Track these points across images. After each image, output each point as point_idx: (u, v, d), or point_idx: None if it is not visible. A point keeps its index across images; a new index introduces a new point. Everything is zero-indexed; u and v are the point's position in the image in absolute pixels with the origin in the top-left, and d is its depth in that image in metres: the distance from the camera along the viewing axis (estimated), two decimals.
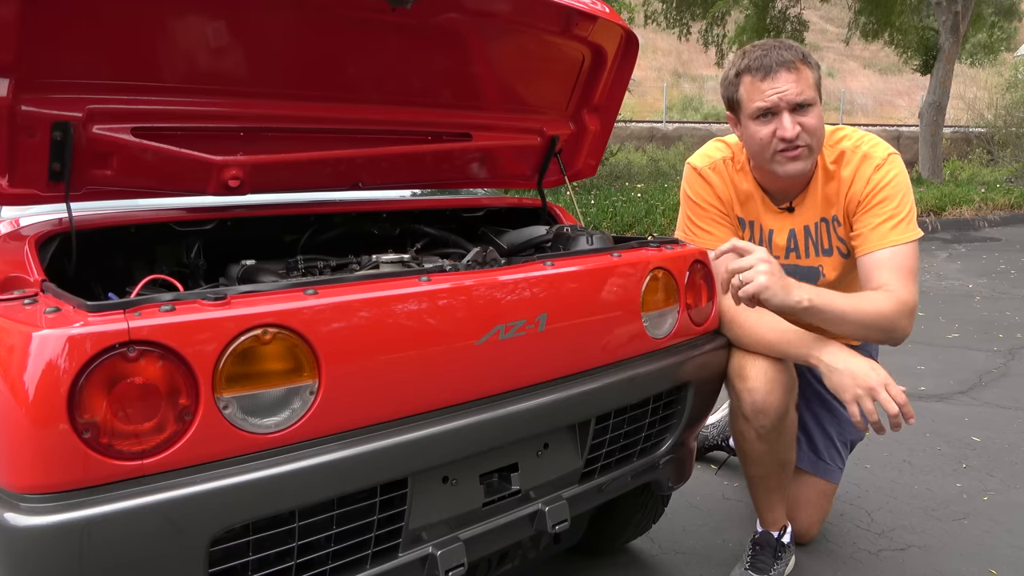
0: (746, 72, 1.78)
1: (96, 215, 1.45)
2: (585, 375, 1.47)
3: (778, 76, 1.73)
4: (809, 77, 1.76)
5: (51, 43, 1.25)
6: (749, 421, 1.82)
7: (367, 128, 1.73)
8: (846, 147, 1.87)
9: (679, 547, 2.22)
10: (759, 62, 1.75)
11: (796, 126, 1.75)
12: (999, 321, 5.00)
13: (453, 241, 1.87)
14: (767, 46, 1.78)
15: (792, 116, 1.75)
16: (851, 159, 1.86)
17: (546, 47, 1.82)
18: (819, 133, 1.79)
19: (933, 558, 2.14)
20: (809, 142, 1.78)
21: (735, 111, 1.86)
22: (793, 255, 1.95)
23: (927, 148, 13.32)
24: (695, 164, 1.99)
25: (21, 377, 0.94)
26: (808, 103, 1.75)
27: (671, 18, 15.23)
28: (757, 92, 1.76)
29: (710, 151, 1.99)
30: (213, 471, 1.03)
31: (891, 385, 1.62)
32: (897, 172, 1.83)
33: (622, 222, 8.05)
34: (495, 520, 1.38)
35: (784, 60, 1.74)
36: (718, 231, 1.95)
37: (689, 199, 1.99)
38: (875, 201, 1.81)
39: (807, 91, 1.74)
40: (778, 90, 1.74)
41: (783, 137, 1.76)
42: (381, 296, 1.19)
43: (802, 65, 1.75)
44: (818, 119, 1.77)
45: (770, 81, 1.74)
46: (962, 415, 3.28)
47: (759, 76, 1.75)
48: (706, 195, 1.96)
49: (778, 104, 1.74)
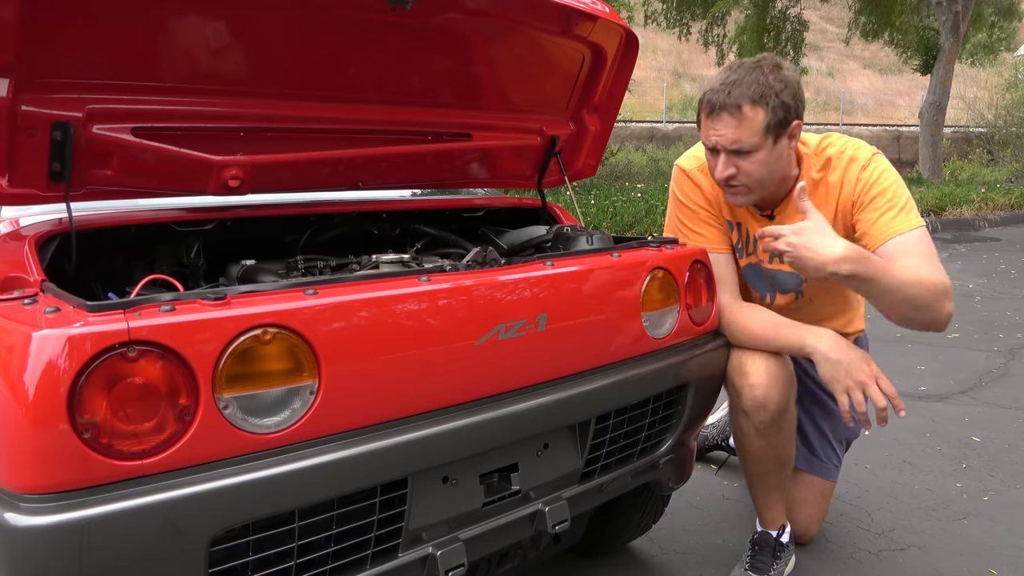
0: (702, 102, 1.77)
1: (96, 215, 1.45)
2: (585, 375, 1.47)
3: (720, 119, 1.72)
4: (756, 122, 1.70)
5: (51, 43, 1.25)
6: (749, 416, 1.82)
7: (367, 128, 1.73)
8: (831, 154, 1.86)
9: (679, 547, 2.22)
10: (711, 96, 1.73)
11: (730, 168, 1.75)
12: (999, 321, 5.00)
13: (453, 241, 1.87)
14: (732, 78, 1.72)
15: (729, 158, 1.75)
16: (837, 164, 1.85)
17: (546, 47, 1.82)
18: (759, 176, 1.77)
19: (933, 558, 2.14)
20: (746, 182, 1.78)
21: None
22: (777, 260, 1.95)
23: (927, 148, 13.32)
24: (683, 166, 1.99)
25: (21, 377, 0.94)
26: (745, 150, 1.73)
27: (671, 18, 15.23)
28: (704, 127, 1.78)
29: (698, 152, 1.98)
30: (213, 471, 1.03)
31: (882, 379, 1.65)
32: (884, 168, 1.82)
33: (622, 222, 8.05)
34: (495, 520, 1.38)
35: (731, 103, 1.70)
36: (708, 232, 1.95)
37: (678, 201, 1.99)
38: (869, 197, 1.80)
39: (745, 139, 1.71)
40: (716, 132, 1.74)
41: (716, 177, 1.80)
42: (381, 296, 1.19)
43: (751, 109, 1.69)
44: (759, 164, 1.75)
45: (711, 121, 1.74)
46: (962, 415, 3.28)
47: (706, 111, 1.75)
48: (695, 196, 1.96)
49: (717, 144, 1.76)
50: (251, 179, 1.55)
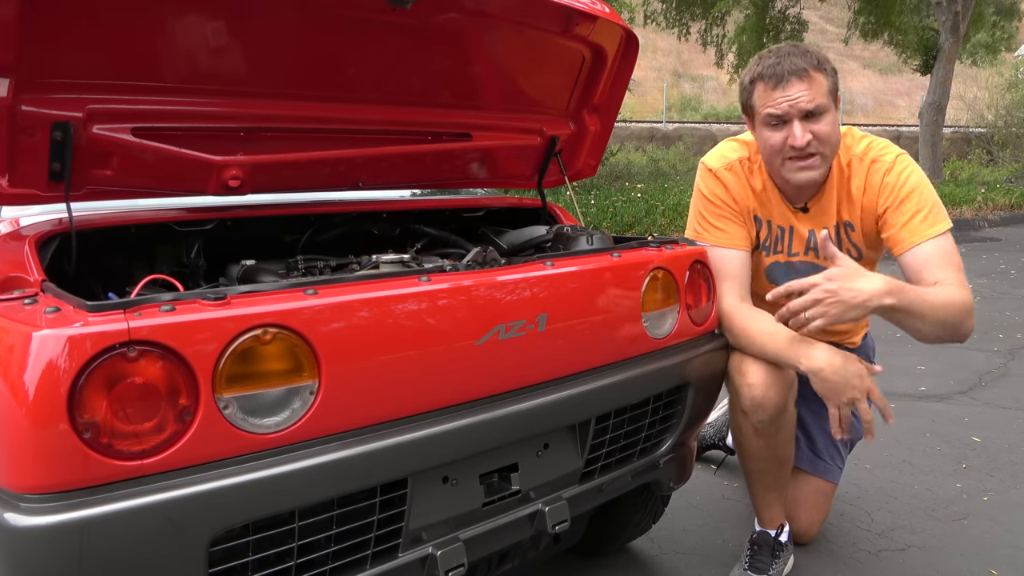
0: (759, 79, 1.77)
1: (96, 215, 1.45)
2: (585, 375, 1.47)
3: (790, 84, 1.73)
4: (823, 84, 1.74)
5: (51, 43, 1.25)
6: (747, 416, 1.82)
7: (367, 128, 1.73)
8: (855, 154, 1.87)
9: (679, 547, 2.22)
10: (772, 69, 1.74)
11: (807, 134, 1.74)
12: (999, 321, 5.00)
13: (453, 241, 1.87)
14: (782, 52, 1.77)
15: (803, 124, 1.74)
16: (859, 168, 1.85)
17: (546, 47, 1.82)
18: (832, 140, 1.78)
19: (933, 558, 2.14)
20: (821, 150, 1.77)
21: (750, 116, 1.86)
22: (812, 254, 1.95)
23: (927, 148, 13.32)
24: (711, 165, 1.97)
25: (21, 377, 0.94)
26: (820, 111, 1.73)
27: (671, 18, 15.23)
28: (769, 99, 1.76)
29: (726, 151, 1.98)
30: (213, 471, 1.03)
31: (873, 391, 1.67)
32: (909, 170, 1.82)
33: (622, 222, 8.05)
34: (495, 520, 1.38)
35: (796, 68, 1.72)
36: (731, 229, 1.93)
37: (703, 196, 1.97)
38: (896, 202, 1.80)
39: (819, 98, 1.73)
40: (789, 98, 1.73)
41: (793, 145, 1.76)
42: (381, 296, 1.19)
43: (815, 72, 1.73)
44: (831, 126, 1.76)
45: (781, 89, 1.74)
46: (962, 415, 3.28)
47: (771, 84, 1.75)
48: (721, 194, 1.94)
49: (789, 112, 1.74)
50: (251, 179, 1.55)
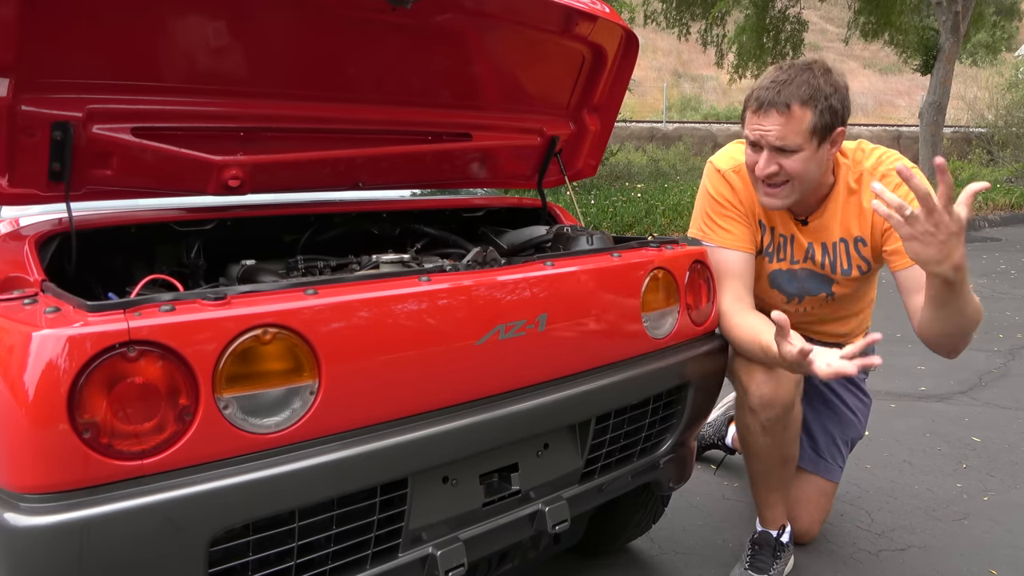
0: (750, 99, 1.78)
1: (96, 215, 1.45)
2: (585, 375, 1.47)
3: (768, 115, 1.72)
4: (803, 123, 1.70)
5: (51, 43, 1.25)
6: (756, 414, 1.82)
7: (367, 128, 1.73)
8: (866, 168, 1.86)
9: (679, 547, 2.22)
10: (762, 93, 1.73)
11: (773, 166, 1.74)
12: (999, 321, 5.00)
13: (453, 241, 1.87)
14: (783, 78, 1.73)
15: (772, 155, 1.74)
16: (870, 182, 1.84)
17: (546, 47, 1.82)
18: (805, 175, 1.76)
19: (933, 558, 2.14)
20: (788, 182, 1.77)
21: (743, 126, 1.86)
22: (810, 262, 1.96)
23: (927, 148, 13.30)
24: (719, 166, 1.97)
25: (21, 377, 0.94)
26: (789, 149, 1.72)
27: (671, 18, 15.21)
28: (750, 122, 1.77)
29: (735, 153, 1.97)
30: (213, 471, 1.03)
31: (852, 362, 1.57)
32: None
33: (622, 222, 8.05)
34: (495, 520, 1.38)
35: (782, 100, 1.70)
36: (736, 230, 1.93)
37: (710, 195, 1.97)
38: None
39: (791, 137, 1.71)
40: (762, 128, 1.73)
41: (756, 173, 1.78)
42: (381, 296, 1.19)
43: (802, 109, 1.69)
44: (803, 163, 1.74)
45: (758, 117, 1.74)
46: (962, 415, 3.28)
47: (754, 108, 1.75)
48: (728, 195, 1.94)
49: (759, 141, 1.75)
50: (251, 179, 1.55)
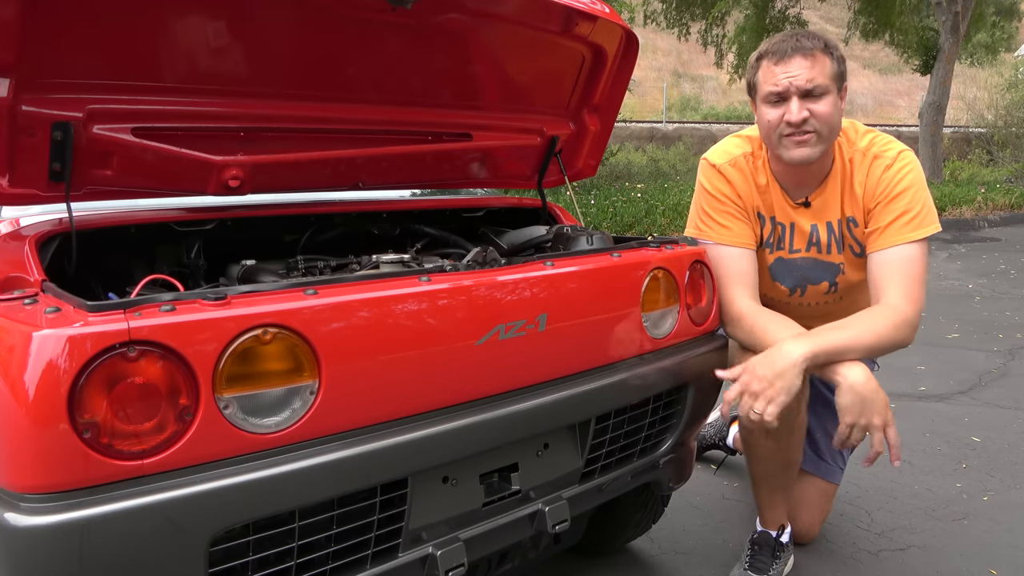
0: (764, 56, 1.79)
1: (96, 215, 1.45)
2: (585, 375, 1.47)
3: (791, 61, 1.73)
4: (826, 66, 1.74)
5: (51, 43, 1.25)
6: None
7: (367, 128, 1.73)
8: (860, 148, 1.87)
9: (679, 547, 2.22)
10: (777, 46, 1.76)
11: (803, 111, 1.74)
12: (999, 321, 5.00)
13: (453, 241, 1.87)
14: (791, 33, 1.78)
15: (801, 102, 1.74)
16: (863, 162, 1.85)
17: (546, 47, 1.82)
18: (831, 122, 1.77)
19: (933, 558, 2.14)
20: (818, 128, 1.76)
21: (752, 95, 1.86)
22: (815, 249, 1.94)
23: (927, 148, 13.32)
24: (714, 161, 1.96)
25: (21, 377, 0.94)
26: (819, 91, 1.74)
27: (671, 18, 15.23)
28: (770, 75, 1.77)
29: (729, 147, 1.97)
30: (213, 471, 1.03)
31: (891, 427, 1.64)
32: (908, 169, 1.82)
33: (622, 222, 8.05)
34: (495, 520, 1.38)
35: (801, 47, 1.74)
36: (736, 226, 1.91)
37: (707, 192, 1.95)
38: (887, 199, 1.80)
39: (819, 79, 1.73)
40: (789, 74, 1.73)
41: (789, 121, 1.75)
42: (381, 296, 1.19)
43: (820, 54, 1.74)
44: (830, 107, 1.75)
45: (783, 65, 1.74)
46: (962, 415, 3.28)
47: (774, 60, 1.76)
48: (726, 190, 1.93)
49: (788, 88, 1.74)
50: (251, 179, 1.55)
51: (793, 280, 2.00)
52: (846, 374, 1.65)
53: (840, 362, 1.67)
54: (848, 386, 1.63)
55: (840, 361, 1.66)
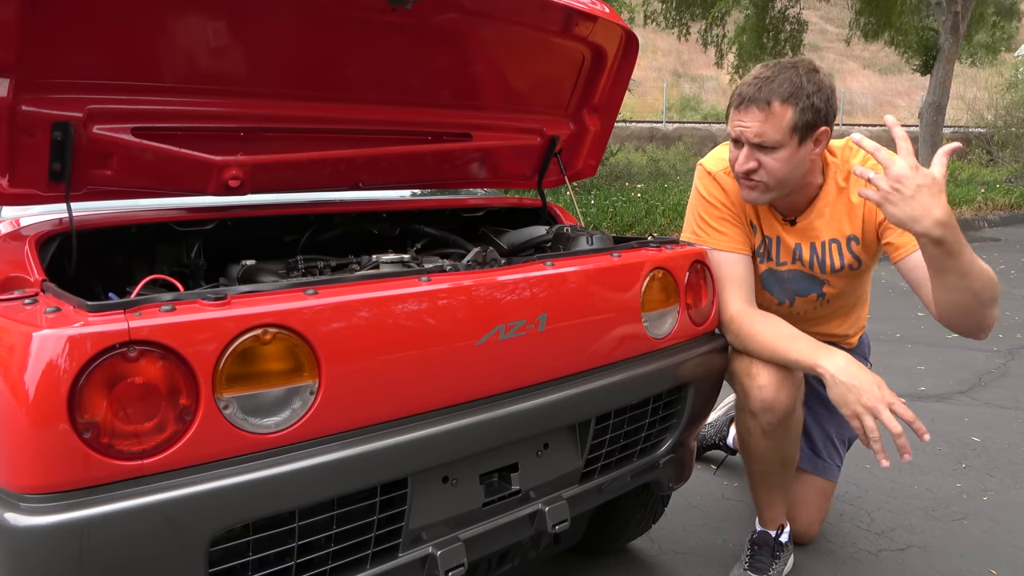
0: (734, 94, 1.79)
1: (96, 215, 1.45)
2: (585, 375, 1.47)
3: (748, 112, 1.73)
4: (782, 119, 1.70)
5: (51, 43, 1.25)
6: (756, 417, 1.82)
7: (367, 128, 1.73)
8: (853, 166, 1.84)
9: (679, 547, 2.22)
10: (744, 89, 1.74)
11: (751, 161, 1.75)
12: (999, 321, 4.99)
13: (453, 241, 1.87)
14: (767, 75, 1.73)
15: (751, 152, 1.75)
16: (857, 179, 1.83)
17: (546, 47, 1.82)
18: (779, 175, 1.76)
19: (933, 558, 2.14)
20: (765, 180, 1.77)
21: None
22: (799, 263, 1.95)
23: (927, 148, 13.30)
24: (709, 168, 1.97)
25: (21, 377, 0.94)
26: (768, 146, 1.72)
27: (671, 18, 15.21)
28: (732, 118, 1.78)
29: (724, 154, 1.96)
30: (213, 471, 1.03)
31: (896, 404, 1.59)
32: None
33: (622, 222, 8.05)
34: (495, 520, 1.38)
35: (762, 97, 1.70)
36: (731, 231, 1.92)
37: (702, 198, 1.96)
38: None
39: (770, 133, 1.71)
40: (743, 124, 1.74)
41: (735, 169, 1.79)
42: (381, 296, 1.19)
43: (783, 106, 1.69)
44: (781, 162, 1.74)
45: (739, 113, 1.75)
46: (962, 415, 3.28)
47: (736, 103, 1.76)
48: (720, 197, 1.94)
49: (740, 137, 1.76)
50: (251, 179, 1.55)
51: (783, 293, 2.02)
52: (827, 365, 1.66)
53: (820, 354, 1.68)
54: (831, 376, 1.64)
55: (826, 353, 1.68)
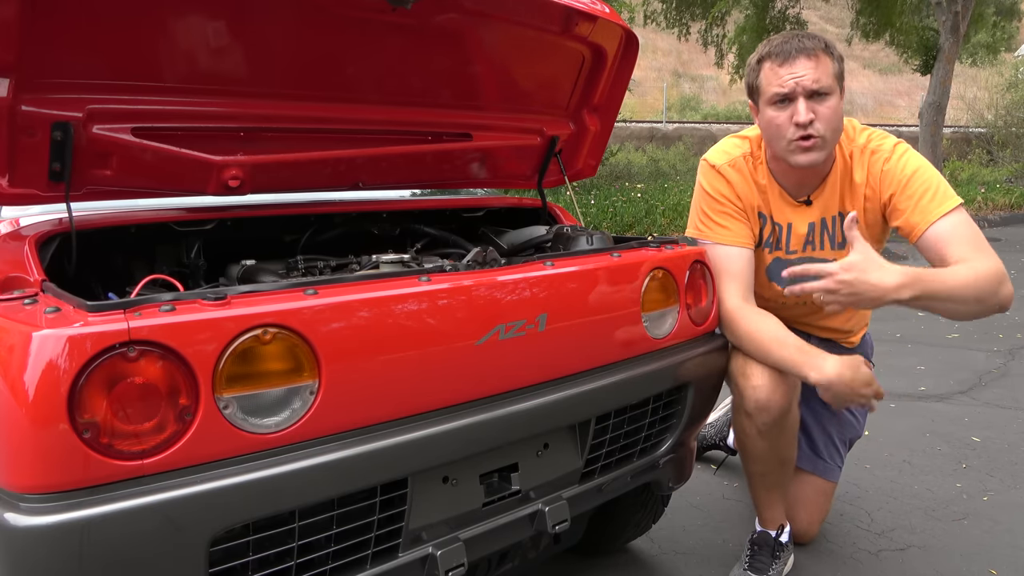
0: (767, 58, 1.78)
1: (96, 215, 1.45)
2: (585, 375, 1.47)
3: (796, 62, 1.73)
4: (829, 67, 1.74)
5: (51, 43, 1.25)
6: (751, 418, 1.82)
7: (367, 128, 1.73)
8: (859, 144, 1.87)
9: (679, 547, 2.22)
10: (780, 47, 1.76)
11: (810, 113, 1.74)
12: (999, 321, 4.99)
13: (453, 241, 1.87)
14: (791, 34, 1.78)
15: (808, 103, 1.74)
16: (860, 159, 1.85)
17: (546, 47, 1.82)
18: (834, 124, 1.77)
19: (933, 558, 2.14)
20: (823, 132, 1.75)
21: (755, 98, 1.85)
22: (809, 248, 1.95)
23: (927, 148, 13.30)
24: (713, 162, 1.95)
25: (21, 377, 0.94)
26: (824, 91, 1.73)
27: (671, 18, 15.21)
28: (775, 77, 1.76)
29: (728, 148, 1.97)
30: (213, 471, 1.03)
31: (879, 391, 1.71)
32: (907, 155, 1.83)
33: (622, 222, 8.05)
34: (495, 520, 1.38)
35: (804, 47, 1.74)
36: (734, 226, 1.91)
37: (706, 193, 1.95)
38: (901, 187, 1.80)
39: (824, 79, 1.73)
40: (795, 75, 1.73)
41: (797, 122, 1.75)
42: (381, 296, 1.19)
43: (823, 54, 1.74)
44: (834, 110, 1.76)
45: (788, 66, 1.74)
46: (962, 415, 3.28)
47: (778, 61, 1.75)
48: (725, 191, 1.92)
49: (794, 90, 1.74)
50: (251, 179, 1.55)
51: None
52: (818, 378, 1.69)
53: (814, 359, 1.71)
54: (825, 385, 1.69)
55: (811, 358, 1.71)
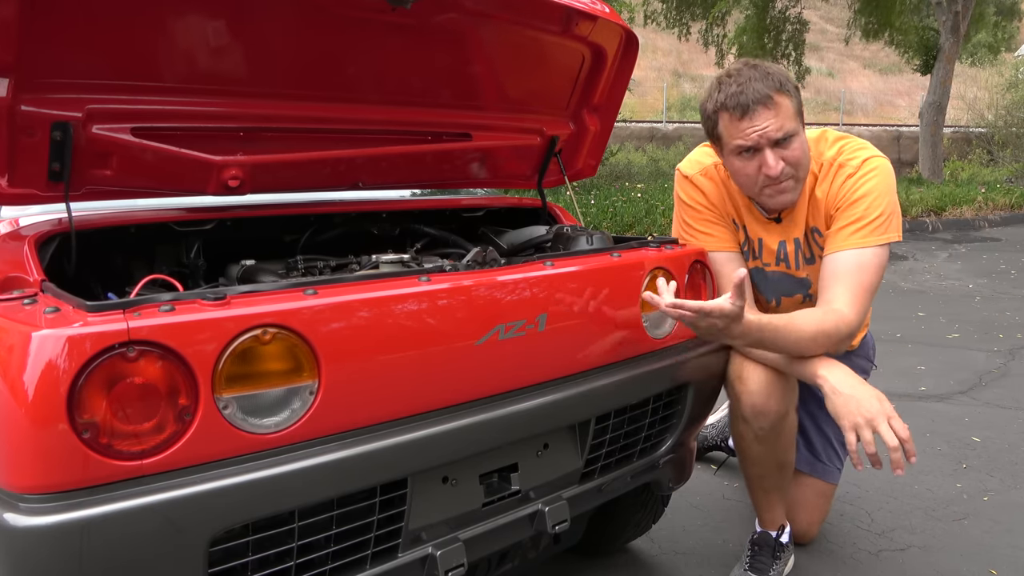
0: (723, 110, 1.71)
1: (96, 215, 1.45)
2: (585, 375, 1.47)
3: (756, 114, 1.67)
4: (788, 108, 1.69)
5: (51, 43, 1.25)
6: (748, 423, 1.82)
7: (367, 128, 1.73)
8: (827, 158, 1.83)
9: (679, 547, 2.22)
10: (735, 99, 1.68)
11: (779, 162, 1.70)
12: (999, 321, 5.00)
13: (453, 241, 1.87)
14: (743, 78, 1.70)
15: (774, 152, 1.70)
16: (828, 172, 1.82)
17: (546, 47, 1.82)
18: (804, 160, 1.75)
19: (933, 558, 2.14)
20: (794, 174, 1.74)
21: (717, 145, 1.81)
22: (783, 264, 1.94)
23: (927, 148, 13.33)
24: (686, 172, 1.95)
25: (21, 377, 0.94)
26: (788, 136, 1.70)
27: (671, 18, 15.22)
28: (736, 131, 1.71)
29: (700, 157, 1.96)
30: (213, 471, 1.03)
31: (894, 419, 1.57)
32: (872, 176, 1.77)
33: (622, 222, 8.05)
34: (495, 520, 1.38)
35: (760, 96, 1.66)
36: (716, 231, 1.92)
37: (684, 203, 1.96)
38: (845, 204, 1.78)
39: (787, 124, 1.69)
40: (757, 128, 1.68)
41: (768, 175, 1.72)
42: (381, 296, 1.19)
43: (779, 97, 1.68)
44: (800, 148, 1.73)
45: (748, 120, 1.68)
46: (962, 415, 3.28)
47: (737, 114, 1.69)
48: (700, 199, 1.93)
49: (759, 142, 1.69)
50: (251, 179, 1.55)
51: (769, 292, 2.01)
52: (827, 376, 1.65)
53: (825, 365, 1.67)
54: (831, 388, 1.64)
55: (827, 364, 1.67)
